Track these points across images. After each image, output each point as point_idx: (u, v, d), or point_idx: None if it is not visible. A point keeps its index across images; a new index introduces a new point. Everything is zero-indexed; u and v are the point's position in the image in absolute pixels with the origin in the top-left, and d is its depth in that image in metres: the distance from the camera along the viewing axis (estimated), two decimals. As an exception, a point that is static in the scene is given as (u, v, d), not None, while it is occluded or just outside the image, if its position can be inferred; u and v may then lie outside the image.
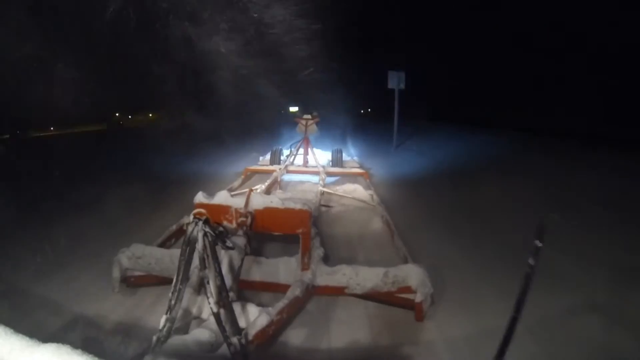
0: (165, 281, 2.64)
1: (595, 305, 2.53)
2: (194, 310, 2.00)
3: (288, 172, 6.48)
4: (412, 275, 2.44)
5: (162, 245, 3.08)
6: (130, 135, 18.28)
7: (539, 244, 1.10)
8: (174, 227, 3.43)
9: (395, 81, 10.58)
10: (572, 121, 12.47)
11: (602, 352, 2.15)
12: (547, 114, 14.48)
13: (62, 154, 10.78)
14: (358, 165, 7.31)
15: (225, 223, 2.54)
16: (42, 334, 0.76)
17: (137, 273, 2.73)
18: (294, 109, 7.79)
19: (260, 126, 13.26)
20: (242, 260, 2.31)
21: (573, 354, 2.12)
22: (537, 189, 5.54)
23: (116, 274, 2.63)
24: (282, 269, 2.67)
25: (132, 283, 2.74)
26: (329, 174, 6.37)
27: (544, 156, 8.12)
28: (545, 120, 13.84)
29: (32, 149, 13.56)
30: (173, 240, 3.33)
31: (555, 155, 7.98)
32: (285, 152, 7.48)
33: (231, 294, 1.90)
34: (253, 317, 1.96)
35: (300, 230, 2.54)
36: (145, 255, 2.65)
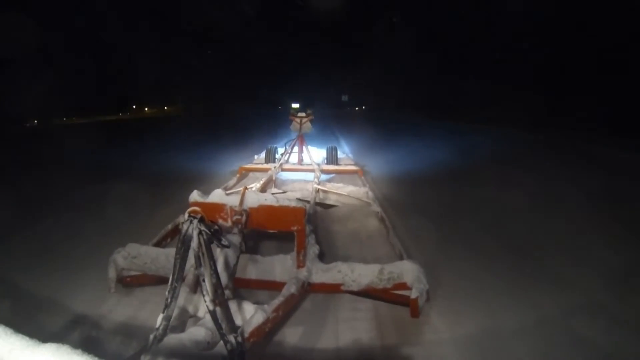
0: (161, 280, 2.65)
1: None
2: (191, 309, 2.01)
3: (283, 170, 6.48)
4: (408, 271, 2.45)
5: (158, 244, 3.07)
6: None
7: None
8: (169, 226, 3.41)
9: (342, 98, 34.33)
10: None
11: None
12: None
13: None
14: (353, 163, 7.33)
15: (220, 221, 2.54)
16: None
17: (132, 273, 2.73)
18: (295, 105, 7.80)
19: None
20: (238, 258, 2.32)
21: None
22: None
23: (112, 274, 2.62)
24: (278, 266, 2.68)
25: (128, 283, 2.74)
26: (324, 172, 6.39)
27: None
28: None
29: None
30: (169, 240, 3.32)
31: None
32: (280, 150, 7.48)
33: (227, 292, 1.91)
34: (249, 315, 1.96)
35: (295, 228, 2.55)
36: (140, 255, 2.65)
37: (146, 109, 32.97)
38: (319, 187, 5.18)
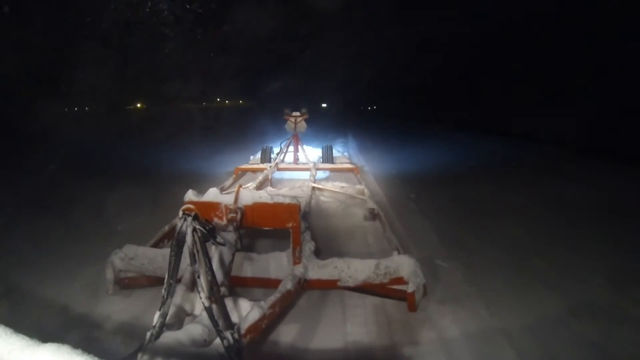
0: (159, 281, 2.65)
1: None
2: (187, 307, 2.02)
3: (279, 169, 6.49)
4: (404, 266, 2.47)
5: (155, 245, 3.06)
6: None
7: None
8: (167, 227, 3.41)
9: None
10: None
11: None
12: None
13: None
14: (348, 161, 7.35)
15: (216, 220, 2.54)
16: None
17: (130, 274, 2.73)
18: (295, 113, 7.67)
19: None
20: (233, 255, 2.33)
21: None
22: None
23: (110, 275, 2.63)
24: (274, 264, 2.69)
25: (126, 284, 2.74)
26: (320, 170, 6.42)
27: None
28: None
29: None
30: (166, 241, 3.32)
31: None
32: (276, 150, 7.48)
33: (223, 289, 1.92)
34: (245, 312, 1.97)
35: (290, 224, 2.55)
36: (138, 256, 2.65)
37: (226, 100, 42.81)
38: (315, 185, 5.20)
